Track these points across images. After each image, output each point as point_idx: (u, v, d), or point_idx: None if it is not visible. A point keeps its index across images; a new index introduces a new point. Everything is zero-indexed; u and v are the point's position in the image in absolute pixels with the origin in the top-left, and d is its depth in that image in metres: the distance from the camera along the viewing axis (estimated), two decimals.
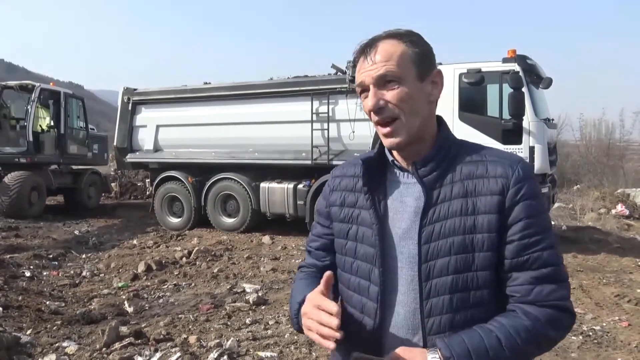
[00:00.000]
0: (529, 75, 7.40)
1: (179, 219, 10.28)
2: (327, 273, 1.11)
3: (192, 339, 4.15)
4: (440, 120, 1.23)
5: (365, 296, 1.19)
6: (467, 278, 1.09)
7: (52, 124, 12.40)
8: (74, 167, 13.35)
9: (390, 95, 1.12)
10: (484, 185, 1.11)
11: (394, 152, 1.22)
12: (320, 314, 1.06)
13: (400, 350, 1.06)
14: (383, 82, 1.12)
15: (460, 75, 7.50)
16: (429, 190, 1.14)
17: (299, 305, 1.19)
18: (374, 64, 1.12)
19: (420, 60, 1.14)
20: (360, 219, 1.22)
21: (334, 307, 1.05)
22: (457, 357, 1.01)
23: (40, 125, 12.22)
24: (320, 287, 1.11)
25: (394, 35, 1.15)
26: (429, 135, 1.19)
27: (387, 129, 1.14)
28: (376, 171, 1.24)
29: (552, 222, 9.85)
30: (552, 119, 8.69)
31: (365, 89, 1.15)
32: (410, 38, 1.15)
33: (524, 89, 7.14)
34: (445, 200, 1.13)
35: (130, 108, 10.56)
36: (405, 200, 1.18)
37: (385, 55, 1.12)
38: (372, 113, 1.15)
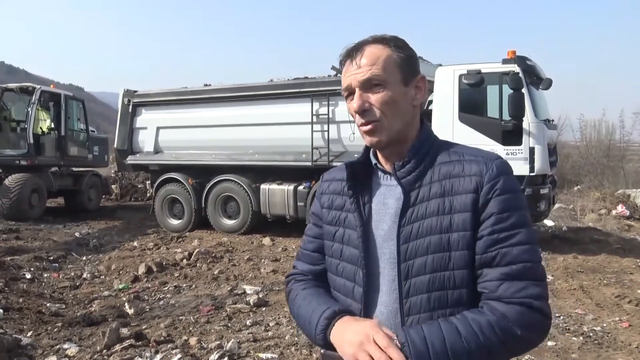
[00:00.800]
0: (528, 76, 7.40)
1: (180, 221, 10.28)
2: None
3: (193, 340, 4.15)
4: (422, 122, 1.25)
5: (350, 297, 1.22)
6: (444, 277, 1.10)
7: (52, 126, 12.41)
8: (75, 169, 13.38)
9: (375, 98, 1.15)
10: (460, 184, 1.13)
11: (378, 156, 1.25)
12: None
13: None
14: (369, 85, 1.15)
15: (460, 76, 7.50)
16: (407, 191, 1.16)
17: (327, 320, 1.14)
18: (360, 68, 1.15)
19: (405, 64, 1.17)
20: (346, 221, 1.25)
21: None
22: (412, 342, 1.02)
23: (41, 128, 12.23)
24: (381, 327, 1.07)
25: (380, 40, 1.18)
26: (411, 138, 1.21)
27: (368, 127, 1.17)
28: (362, 175, 1.27)
29: (553, 223, 9.91)
30: (552, 120, 8.69)
31: (351, 92, 1.18)
32: (396, 43, 1.18)
33: (524, 90, 7.15)
34: (424, 200, 1.15)
35: (130, 110, 10.56)
36: (387, 202, 1.21)
37: (371, 59, 1.14)
38: (356, 115, 1.18)
